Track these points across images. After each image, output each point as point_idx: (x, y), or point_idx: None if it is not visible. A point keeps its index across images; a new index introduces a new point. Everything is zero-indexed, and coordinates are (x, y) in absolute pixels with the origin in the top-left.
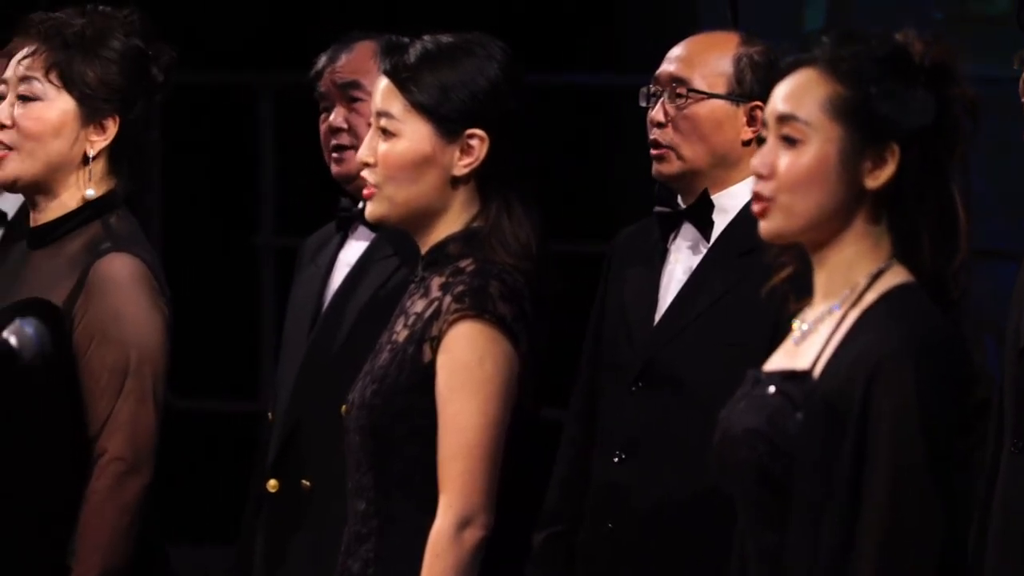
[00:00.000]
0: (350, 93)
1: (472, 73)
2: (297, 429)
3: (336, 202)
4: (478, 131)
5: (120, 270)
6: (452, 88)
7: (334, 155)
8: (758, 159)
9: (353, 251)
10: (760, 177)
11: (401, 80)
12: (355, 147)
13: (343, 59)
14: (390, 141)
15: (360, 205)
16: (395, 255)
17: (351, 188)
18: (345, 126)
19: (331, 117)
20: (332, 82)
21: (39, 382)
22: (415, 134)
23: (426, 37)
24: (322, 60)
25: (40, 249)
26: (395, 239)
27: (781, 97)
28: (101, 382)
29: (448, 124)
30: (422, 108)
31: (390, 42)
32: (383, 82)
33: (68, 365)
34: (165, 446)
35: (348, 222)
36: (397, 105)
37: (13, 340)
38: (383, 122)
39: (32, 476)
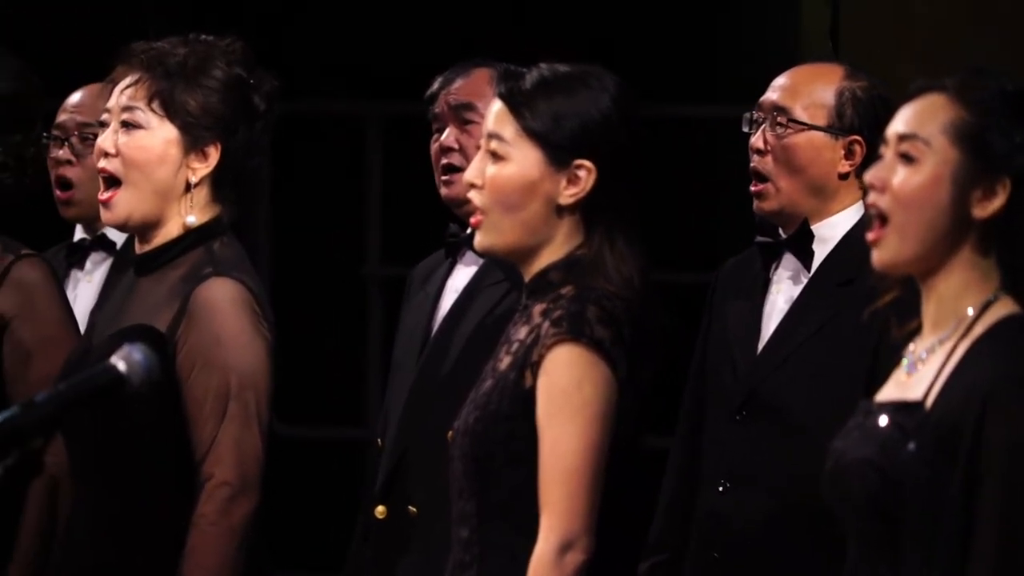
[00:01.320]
0: (463, 115)
1: (586, 104)
2: (405, 456)
3: (442, 231)
4: (586, 162)
5: (221, 295)
6: (565, 117)
7: (444, 177)
8: (872, 172)
9: (461, 277)
10: (872, 189)
11: (515, 104)
12: (465, 169)
13: (459, 82)
14: (499, 164)
15: (468, 231)
16: (503, 281)
17: (460, 212)
18: (456, 146)
19: (443, 137)
20: (446, 103)
21: (146, 408)
22: (524, 159)
23: (543, 65)
24: (438, 83)
25: (146, 276)
26: (504, 265)
27: (904, 117)
28: (205, 407)
29: (558, 152)
30: (533, 134)
31: (508, 69)
32: (497, 105)
33: (173, 391)
34: (273, 473)
35: (456, 248)
36: (509, 129)
37: (122, 366)
38: (493, 145)
39: (139, 502)
